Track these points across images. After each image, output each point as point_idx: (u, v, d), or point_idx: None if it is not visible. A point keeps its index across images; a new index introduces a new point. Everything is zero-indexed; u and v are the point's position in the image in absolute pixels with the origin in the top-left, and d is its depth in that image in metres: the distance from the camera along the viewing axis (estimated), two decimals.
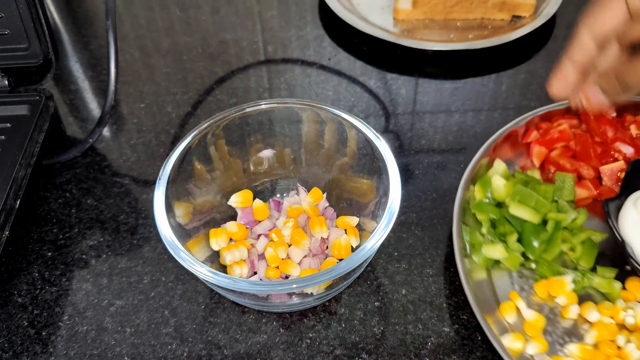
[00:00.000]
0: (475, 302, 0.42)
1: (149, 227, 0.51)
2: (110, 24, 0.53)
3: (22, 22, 0.54)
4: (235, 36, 0.72)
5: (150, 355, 0.43)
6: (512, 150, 0.54)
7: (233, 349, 0.43)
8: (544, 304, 0.45)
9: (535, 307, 0.44)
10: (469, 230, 0.47)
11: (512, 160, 0.54)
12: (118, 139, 0.60)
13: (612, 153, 0.51)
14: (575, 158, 0.52)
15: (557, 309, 0.44)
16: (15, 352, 0.43)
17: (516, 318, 0.43)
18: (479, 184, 0.49)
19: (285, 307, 0.44)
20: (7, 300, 0.46)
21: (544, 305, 0.44)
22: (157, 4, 0.78)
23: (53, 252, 0.50)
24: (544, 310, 0.44)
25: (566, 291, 0.44)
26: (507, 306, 0.44)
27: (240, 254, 0.45)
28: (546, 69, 0.66)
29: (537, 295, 0.45)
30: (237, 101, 0.63)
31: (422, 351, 0.43)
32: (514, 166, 0.53)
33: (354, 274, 0.43)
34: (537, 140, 0.54)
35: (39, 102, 0.56)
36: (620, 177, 0.50)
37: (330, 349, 0.43)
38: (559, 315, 0.44)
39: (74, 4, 0.78)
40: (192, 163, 0.46)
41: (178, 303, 0.46)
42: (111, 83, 0.55)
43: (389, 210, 0.40)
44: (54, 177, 0.56)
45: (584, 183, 0.51)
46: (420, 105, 0.63)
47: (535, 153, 0.53)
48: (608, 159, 0.51)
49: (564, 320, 0.44)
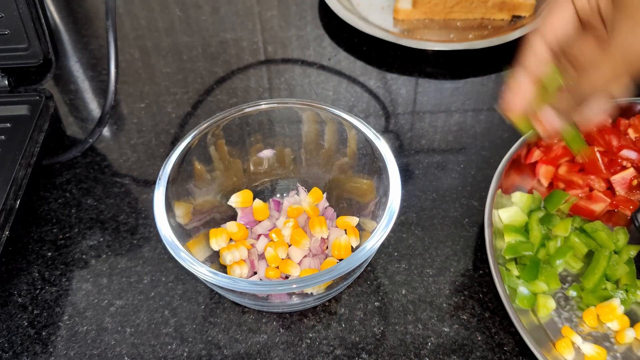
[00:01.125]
0: (535, 346, 0.39)
1: (149, 227, 0.51)
2: (110, 24, 0.53)
3: (22, 22, 0.54)
4: (235, 36, 0.72)
5: (150, 355, 0.43)
6: (519, 174, 0.52)
7: (233, 349, 0.43)
8: (596, 332, 0.43)
9: (589, 338, 0.42)
10: (505, 273, 0.44)
11: (520, 185, 0.52)
12: (118, 139, 0.60)
13: (620, 161, 0.50)
14: (584, 171, 0.51)
15: (611, 335, 0.43)
16: (15, 352, 0.43)
17: (575, 355, 0.41)
18: (509, 230, 0.47)
19: (285, 307, 0.44)
20: (7, 300, 0.46)
21: (596, 335, 0.43)
22: (157, 4, 0.78)
23: (53, 252, 0.50)
24: (599, 340, 0.42)
25: (617, 315, 0.42)
26: (564, 344, 0.41)
27: (240, 254, 0.45)
28: None
29: (585, 324, 0.43)
30: (237, 101, 0.63)
31: (422, 351, 0.43)
32: (523, 190, 0.51)
33: (354, 274, 0.43)
34: (542, 159, 0.52)
35: (39, 102, 0.56)
36: (633, 184, 0.49)
37: (330, 349, 0.43)
38: (615, 343, 0.42)
39: (74, 4, 0.78)
40: (192, 163, 0.46)
41: (178, 303, 0.46)
42: (111, 83, 0.55)
43: (389, 210, 0.40)
44: (54, 177, 0.56)
45: (598, 196, 0.49)
46: (420, 105, 0.63)
47: (542, 173, 0.52)
48: (616, 168, 0.50)
49: (621, 345, 0.42)
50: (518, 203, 0.49)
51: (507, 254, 0.46)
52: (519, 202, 0.49)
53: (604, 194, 0.49)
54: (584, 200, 0.49)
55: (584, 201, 0.49)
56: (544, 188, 0.52)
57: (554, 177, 0.52)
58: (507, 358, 0.42)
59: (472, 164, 0.56)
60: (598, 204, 0.49)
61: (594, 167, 0.50)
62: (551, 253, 0.46)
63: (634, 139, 0.52)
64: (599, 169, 0.50)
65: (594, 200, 0.49)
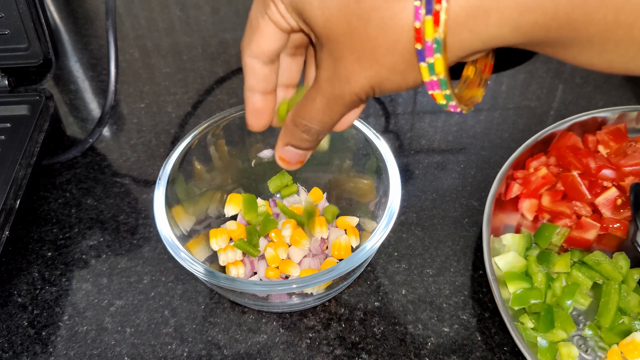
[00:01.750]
0: None
1: (149, 227, 0.51)
2: (110, 24, 0.53)
3: (22, 22, 0.54)
4: (235, 36, 0.72)
5: (150, 355, 0.43)
6: (503, 212, 0.50)
7: (233, 349, 0.43)
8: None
9: None
10: (521, 327, 0.43)
11: (507, 223, 0.50)
12: (118, 139, 0.60)
13: (600, 182, 0.49)
14: (567, 198, 0.49)
15: None
16: (15, 352, 0.43)
17: None
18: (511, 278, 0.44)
19: (285, 307, 0.44)
20: (7, 300, 0.46)
21: None
22: (157, 4, 0.78)
23: (53, 252, 0.50)
24: None
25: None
26: None
27: (235, 255, 0.46)
28: (546, 69, 0.66)
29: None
30: (237, 101, 0.63)
31: (422, 351, 0.43)
32: (510, 228, 0.49)
33: (354, 274, 0.43)
34: (522, 193, 0.50)
35: (39, 102, 0.56)
36: (617, 204, 0.48)
37: (330, 349, 0.43)
38: None
39: (74, 4, 0.78)
40: (192, 163, 0.46)
41: (178, 303, 0.46)
42: (111, 83, 0.55)
43: (389, 210, 0.40)
44: (54, 177, 0.56)
45: (587, 223, 0.47)
46: (420, 105, 0.63)
47: (526, 208, 0.50)
48: (596, 190, 0.49)
49: None
50: (511, 246, 0.47)
51: (515, 305, 0.43)
52: (512, 245, 0.47)
53: (593, 219, 0.48)
54: (575, 230, 0.48)
55: (575, 231, 0.48)
56: (530, 222, 0.50)
57: (538, 210, 0.50)
58: (507, 358, 0.42)
59: (472, 164, 0.56)
60: (590, 231, 0.47)
61: (577, 192, 0.49)
62: (558, 294, 0.44)
63: (606, 155, 0.51)
64: (582, 194, 0.48)
65: (584, 229, 0.47)
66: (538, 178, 0.50)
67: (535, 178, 0.50)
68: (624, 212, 0.48)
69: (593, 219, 0.48)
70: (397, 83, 0.26)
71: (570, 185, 0.49)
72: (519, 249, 0.46)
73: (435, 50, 0.23)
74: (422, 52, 0.24)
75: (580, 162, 0.50)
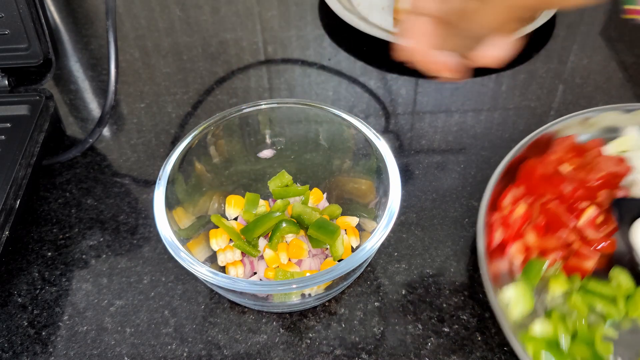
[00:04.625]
0: None
1: (149, 227, 0.51)
2: (110, 24, 0.53)
3: (22, 22, 0.54)
4: (235, 36, 0.72)
5: (150, 355, 0.43)
6: (493, 260, 0.46)
7: (233, 349, 0.43)
8: None
9: None
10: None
11: (502, 272, 0.46)
12: (118, 139, 0.60)
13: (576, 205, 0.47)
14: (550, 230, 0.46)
15: None
16: (15, 352, 0.43)
17: None
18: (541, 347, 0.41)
19: (285, 307, 0.44)
20: (7, 300, 0.46)
21: None
22: (157, 4, 0.78)
23: (53, 252, 0.50)
24: None
25: None
26: None
27: (234, 255, 0.46)
28: (546, 69, 0.66)
29: None
30: (237, 101, 0.63)
31: (422, 351, 0.43)
32: (505, 277, 0.45)
33: (354, 274, 0.43)
34: (505, 238, 0.46)
35: (39, 102, 0.56)
36: (597, 222, 0.46)
37: (330, 349, 0.43)
38: None
39: (74, 4, 0.78)
40: (192, 163, 0.46)
41: (178, 303, 0.46)
42: (111, 83, 0.55)
43: (389, 210, 0.40)
44: (54, 177, 0.56)
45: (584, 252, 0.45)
46: (420, 105, 0.63)
47: (514, 252, 0.46)
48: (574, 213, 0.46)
49: None
50: (522, 303, 0.43)
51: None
52: (521, 300, 0.43)
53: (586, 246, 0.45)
54: (573, 259, 0.45)
55: (573, 259, 0.45)
56: (521, 263, 0.46)
57: (525, 250, 0.46)
58: (507, 358, 0.42)
59: (472, 164, 0.56)
60: (589, 260, 0.44)
61: (560, 222, 0.46)
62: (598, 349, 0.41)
63: (571, 172, 0.49)
64: (564, 223, 0.46)
65: (582, 258, 0.44)
66: (518, 218, 0.46)
67: (515, 218, 0.46)
68: (606, 228, 0.46)
69: (587, 245, 0.45)
70: None
71: (552, 216, 0.46)
72: (528, 303, 0.43)
73: None
74: None
75: (555, 189, 0.48)
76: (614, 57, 0.68)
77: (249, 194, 0.48)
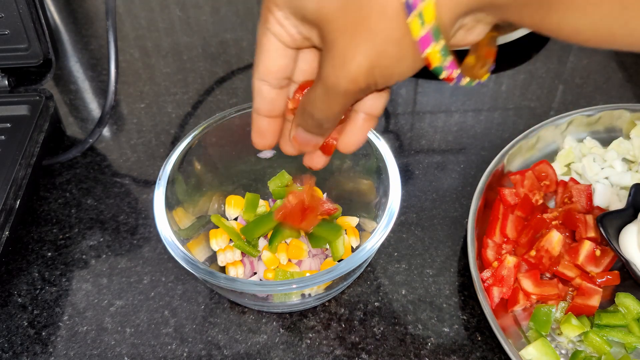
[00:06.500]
0: None
1: (149, 227, 0.51)
2: (110, 24, 0.53)
3: (22, 22, 0.54)
4: (235, 36, 0.72)
5: (150, 355, 0.43)
6: (501, 318, 0.44)
7: (233, 349, 0.43)
8: None
9: None
10: None
11: (509, 325, 0.44)
12: (118, 139, 0.60)
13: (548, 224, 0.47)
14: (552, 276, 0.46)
15: None
16: (15, 352, 0.43)
17: None
18: None
19: (285, 307, 0.44)
20: (7, 300, 0.46)
21: None
22: (157, 4, 0.78)
23: (53, 252, 0.50)
24: None
25: None
26: None
27: (234, 255, 0.46)
28: (546, 69, 0.66)
29: None
30: (237, 101, 0.63)
31: (422, 351, 0.43)
32: (512, 329, 0.44)
33: (354, 274, 0.43)
34: (505, 295, 0.45)
35: (39, 102, 0.56)
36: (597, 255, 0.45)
37: (330, 349, 0.43)
38: None
39: (74, 4, 0.78)
40: (192, 163, 0.46)
41: (178, 303, 0.46)
42: (111, 83, 0.55)
43: (389, 210, 0.40)
44: (54, 177, 0.56)
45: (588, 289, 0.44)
46: (420, 105, 0.63)
47: (519, 306, 0.44)
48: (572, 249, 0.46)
49: None
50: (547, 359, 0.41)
51: None
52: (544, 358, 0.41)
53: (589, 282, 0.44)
54: (577, 297, 0.44)
55: (578, 298, 0.44)
56: (524, 313, 0.45)
57: (526, 296, 0.44)
58: (507, 358, 0.42)
59: (472, 164, 0.56)
60: (593, 297, 0.43)
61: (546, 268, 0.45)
62: None
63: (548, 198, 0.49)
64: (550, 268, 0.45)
65: (587, 295, 0.43)
66: (510, 270, 0.45)
67: (507, 271, 0.45)
68: (604, 260, 0.46)
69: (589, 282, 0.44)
70: (395, 57, 0.26)
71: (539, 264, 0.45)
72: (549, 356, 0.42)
73: None
74: (410, 4, 0.24)
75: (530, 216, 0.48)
76: (613, 57, 0.68)
77: (249, 194, 0.48)
